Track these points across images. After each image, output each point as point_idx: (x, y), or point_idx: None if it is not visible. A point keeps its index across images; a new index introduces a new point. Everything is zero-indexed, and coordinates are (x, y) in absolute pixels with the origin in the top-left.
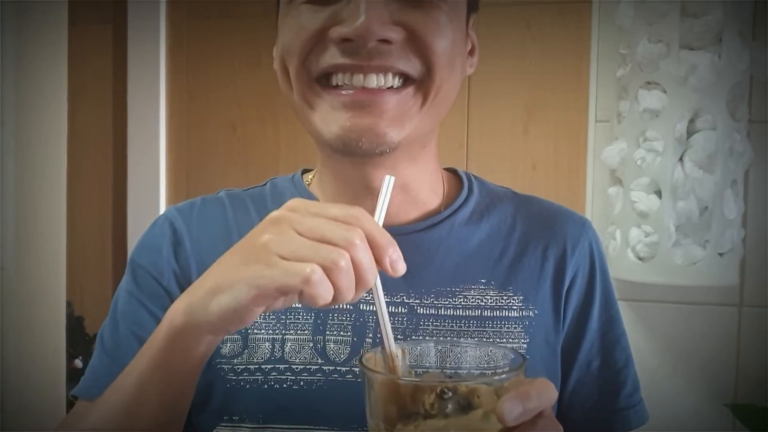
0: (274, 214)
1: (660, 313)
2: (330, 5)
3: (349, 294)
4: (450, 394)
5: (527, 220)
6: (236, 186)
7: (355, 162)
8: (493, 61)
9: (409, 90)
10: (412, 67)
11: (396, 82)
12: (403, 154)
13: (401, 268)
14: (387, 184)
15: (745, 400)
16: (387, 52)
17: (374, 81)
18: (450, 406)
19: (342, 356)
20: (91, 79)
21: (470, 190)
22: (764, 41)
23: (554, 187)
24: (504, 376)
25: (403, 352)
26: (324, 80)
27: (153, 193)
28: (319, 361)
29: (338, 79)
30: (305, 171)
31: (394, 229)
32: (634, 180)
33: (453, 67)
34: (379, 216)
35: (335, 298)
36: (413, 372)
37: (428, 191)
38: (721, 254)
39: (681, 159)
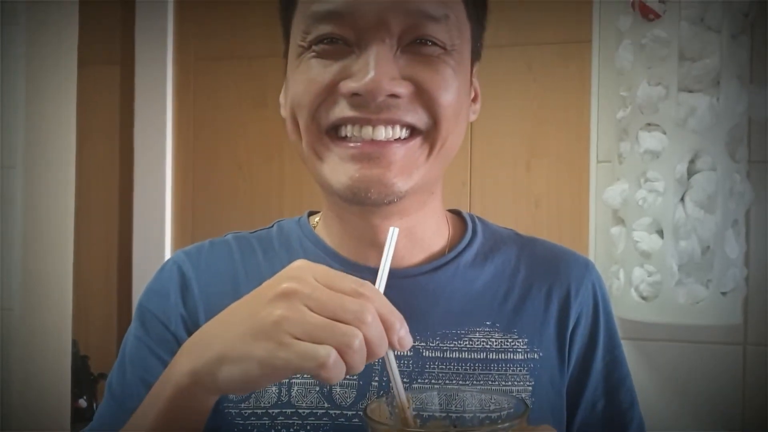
0: (285, 286)
1: (664, 352)
2: (340, 60)
3: (360, 368)
4: None
5: (531, 262)
6: (242, 226)
7: (363, 210)
8: (495, 101)
9: (416, 141)
10: (419, 119)
11: (403, 133)
12: (411, 202)
13: (408, 342)
14: (391, 236)
15: None
16: (395, 106)
17: (382, 133)
18: None
19: (348, 400)
20: (98, 119)
21: (474, 232)
22: (762, 84)
23: (557, 226)
24: (507, 424)
25: (408, 400)
26: (333, 132)
27: (158, 232)
28: (326, 405)
29: (347, 130)
30: (311, 213)
31: (399, 271)
32: (636, 220)
33: (458, 118)
34: (384, 266)
35: (345, 374)
36: (417, 421)
37: (433, 234)
38: (724, 293)
39: (682, 199)
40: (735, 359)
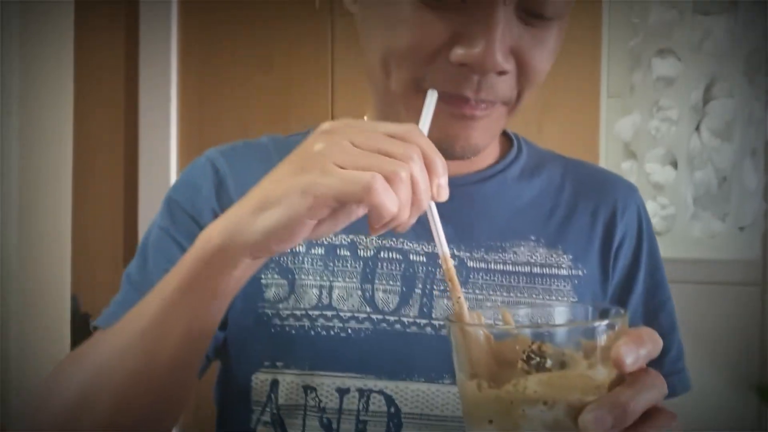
0: (326, 125)
1: (681, 293)
2: (452, 15)
3: (406, 211)
4: (537, 359)
5: (576, 181)
6: None
7: None
8: None
9: (503, 107)
10: (511, 95)
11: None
12: None
13: (445, 195)
14: (430, 99)
15: None
16: (495, 85)
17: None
18: (549, 362)
19: (391, 305)
20: (102, 80)
21: (520, 148)
22: None
23: None
24: (606, 321)
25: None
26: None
27: (164, 188)
28: (368, 309)
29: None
30: None
31: (448, 180)
32: (649, 151)
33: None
34: (425, 119)
35: (395, 219)
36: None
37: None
38: (741, 228)
39: (697, 128)
40: (754, 300)
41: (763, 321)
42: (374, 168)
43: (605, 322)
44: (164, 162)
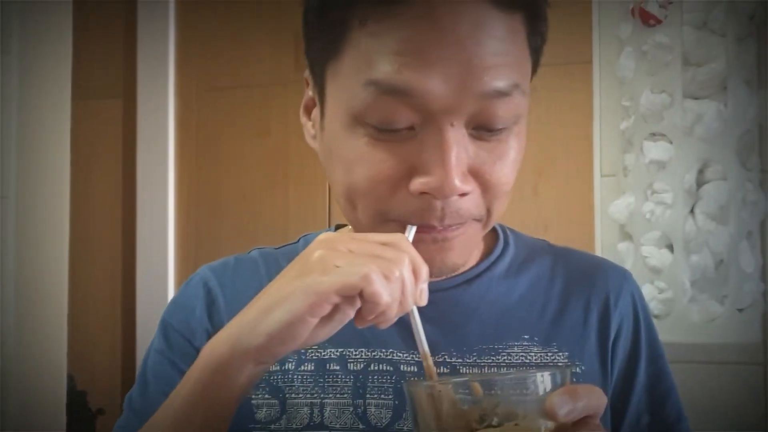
0: (321, 237)
1: (679, 373)
2: (403, 144)
3: (395, 308)
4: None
5: (567, 273)
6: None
7: None
8: None
9: (475, 224)
10: (479, 212)
11: None
12: None
13: (425, 300)
14: (409, 234)
15: None
16: (460, 208)
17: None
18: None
19: (384, 420)
20: (100, 152)
21: (506, 242)
22: None
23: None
24: (549, 373)
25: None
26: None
27: (162, 263)
28: (361, 426)
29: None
30: (339, 226)
31: (432, 284)
32: (644, 234)
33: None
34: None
35: (383, 312)
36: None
37: None
38: (740, 310)
39: (692, 211)
40: (756, 379)
41: (766, 400)
42: (370, 265)
43: (547, 372)
44: (162, 232)
